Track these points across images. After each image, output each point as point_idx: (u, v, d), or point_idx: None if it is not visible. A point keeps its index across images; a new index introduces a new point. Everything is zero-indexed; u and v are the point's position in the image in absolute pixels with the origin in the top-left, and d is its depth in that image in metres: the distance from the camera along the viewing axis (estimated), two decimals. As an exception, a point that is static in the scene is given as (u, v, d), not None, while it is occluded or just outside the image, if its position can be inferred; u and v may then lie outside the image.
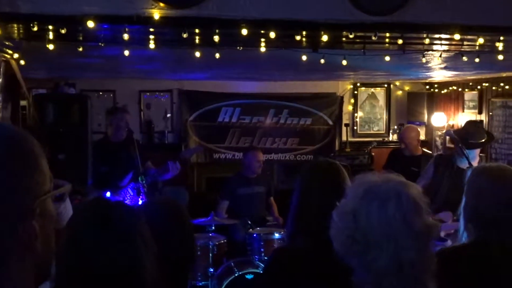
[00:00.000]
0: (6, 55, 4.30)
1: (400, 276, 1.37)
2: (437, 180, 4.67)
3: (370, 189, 1.42)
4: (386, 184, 1.42)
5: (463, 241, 2.18)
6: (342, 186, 2.15)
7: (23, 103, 5.94)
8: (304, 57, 4.40)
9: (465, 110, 7.99)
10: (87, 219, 1.40)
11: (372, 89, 8.96)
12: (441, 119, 8.30)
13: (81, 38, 3.74)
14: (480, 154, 7.34)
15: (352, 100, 8.89)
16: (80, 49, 4.05)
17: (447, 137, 4.76)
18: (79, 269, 1.32)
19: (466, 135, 4.59)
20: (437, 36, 3.73)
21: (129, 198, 5.12)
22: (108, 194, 5.12)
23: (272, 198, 6.11)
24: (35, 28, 3.14)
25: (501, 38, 3.63)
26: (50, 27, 3.26)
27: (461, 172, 4.39)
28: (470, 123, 5.13)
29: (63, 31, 3.24)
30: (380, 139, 8.79)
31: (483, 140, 4.69)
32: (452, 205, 4.42)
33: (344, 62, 4.68)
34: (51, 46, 3.61)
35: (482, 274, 2.01)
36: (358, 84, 8.86)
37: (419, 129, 6.59)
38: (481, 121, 5.11)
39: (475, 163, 4.44)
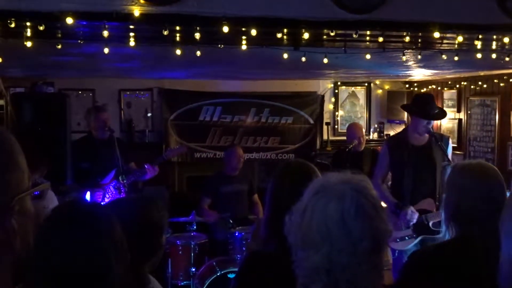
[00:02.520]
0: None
1: (330, 277, 1.33)
2: (398, 165, 4.53)
3: (321, 187, 1.40)
4: (338, 185, 1.38)
5: (446, 238, 2.19)
6: None
7: (0, 102, 5.85)
8: (285, 55, 4.40)
9: (444, 109, 8.07)
10: (56, 219, 1.39)
11: (353, 88, 9.01)
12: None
13: (59, 35, 3.68)
14: (458, 152, 7.49)
15: (333, 99, 8.93)
16: (59, 46, 3.99)
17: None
18: (46, 269, 1.30)
19: (423, 105, 4.49)
20: (416, 34, 3.76)
21: (110, 196, 5.10)
22: (88, 194, 5.09)
23: (256, 196, 6.08)
24: (12, 25, 3.08)
25: (480, 36, 3.68)
26: (28, 23, 3.20)
27: (418, 150, 4.44)
28: (421, 96, 4.97)
29: (41, 28, 3.18)
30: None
31: (437, 111, 4.62)
32: (421, 187, 4.47)
33: (325, 60, 4.69)
34: (29, 44, 3.55)
35: (465, 270, 2.02)
36: (339, 83, 8.91)
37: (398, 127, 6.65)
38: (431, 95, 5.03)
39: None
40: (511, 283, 0.77)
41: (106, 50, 3.92)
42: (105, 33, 3.26)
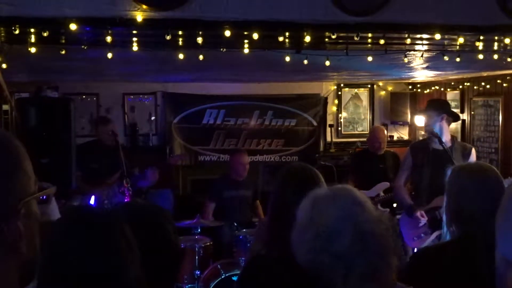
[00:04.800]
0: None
1: (365, 251, 1.43)
2: (418, 167, 4.80)
3: (317, 198, 1.55)
4: (329, 190, 1.57)
5: (447, 239, 2.20)
6: None
7: (5, 107, 5.88)
8: (287, 58, 4.41)
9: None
10: (68, 221, 1.40)
11: (356, 90, 9.02)
12: (424, 119, 8.38)
13: (63, 40, 3.71)
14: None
15: (336, 101, 8.94)
16: (63, 52, 4.02)
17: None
18: (60, 272, 1.31)
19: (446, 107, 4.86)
20: (418, 36, 3.78)
21: (113, 197, 5.21)
22: (92, 198, 5.13)
23: (258, 201, 6.10)
24: (17, 31, 3.11)
25: (481, 37, 3.69)
26: (32, 30, 3.23)
27: (438, 153, 4.63)
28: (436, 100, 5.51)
29: (45, 34, 3.21)
30: (364, 139, 8.81)
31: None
32: (438, 187, 4.57)
33: (327, 63, 4.70)
34: (33, 49, 3.58)
35: (466, 270, 2.03)
36: (342, 85, 8.92)
37: (401, 129, 6.69)
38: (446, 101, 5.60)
39: (447, 137, 4.72)
40: (506, 283, 0.79)
41: (109, 55, 3.96)
42: (109, 38, 3.29)
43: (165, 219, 1.96)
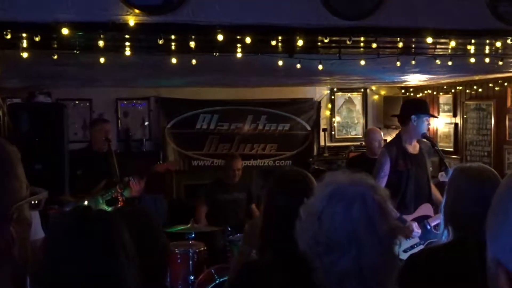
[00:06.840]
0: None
1: (361, 279, 1.36)
2: (399, 173, 4.52)
3: (336, 191, 1.41)
4: (353, 187, 1.42)
5: (443, 240, 2.20)
6: (309, 196, 2.12)
7: (-3, 113, 5.86)
8: (280, 62, 4.42)
9: (440, 113, 8.12)
10: (67, 228, 1.39)
11: (349, 94, 9.04)
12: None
13: (55, 45, 3.70)
14: (454, 156, 7.52)
15: (329, 105, 8.96)
16: (55, 57, 4.01)
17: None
18: (59, 280, 1.30)
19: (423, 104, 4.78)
20: (410, 39, 3.80)
21: (98, 206, 5.12)
22: (85, 203, 5.09)
23: (254, 205, 6.10)
24: (8, 36, 3.10)
25: (472, 41, 3.71)
26: (24, 35, 3.22)
27: (416, 158, 4.55)
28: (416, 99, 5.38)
29: (37, 39, 3.20)
30: (358, 143, 8.85)
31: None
32: (422, 192, 4.53)
33: (320, 67, 4.72)
34: (25, 54, 3.57)
35: (459, 274, 2.03)
36: (335, 89, 8.94)
37: (395, 133, 6.69)
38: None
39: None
40: (497, 284, 0.80)
41: (102, 60, 3.95)
42: (101, 43, 3.29)
43: (154, 220, 2.00)
